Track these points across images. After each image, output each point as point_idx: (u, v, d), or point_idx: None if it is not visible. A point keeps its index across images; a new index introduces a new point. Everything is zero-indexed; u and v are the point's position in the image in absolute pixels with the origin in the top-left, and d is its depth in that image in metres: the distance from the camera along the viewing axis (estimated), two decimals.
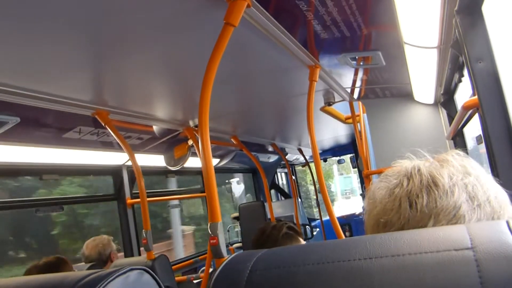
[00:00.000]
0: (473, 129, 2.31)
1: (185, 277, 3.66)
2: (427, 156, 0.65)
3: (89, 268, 2.35)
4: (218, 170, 4.97)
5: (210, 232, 1.35)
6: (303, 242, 1.88)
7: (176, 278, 3.28)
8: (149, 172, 3.78)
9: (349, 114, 3.33)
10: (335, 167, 18.16)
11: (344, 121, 3.78)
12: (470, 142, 2.52)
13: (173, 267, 3.44)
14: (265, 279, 0.47)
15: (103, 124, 2.26)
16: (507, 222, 0.43)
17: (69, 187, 3.42)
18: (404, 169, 0.63)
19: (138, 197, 2.83)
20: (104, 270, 0.60)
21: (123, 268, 0.58)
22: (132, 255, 3.40)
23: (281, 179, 7.13)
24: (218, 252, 1.37)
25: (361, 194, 6.48)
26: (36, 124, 2.24)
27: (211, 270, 3.05)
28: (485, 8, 1.29)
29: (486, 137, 1.35)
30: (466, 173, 0.59)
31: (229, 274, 0.50)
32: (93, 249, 2.74)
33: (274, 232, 1.80)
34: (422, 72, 2.23)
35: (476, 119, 1.93)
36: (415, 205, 0.57)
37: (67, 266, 2.01)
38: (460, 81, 2.03)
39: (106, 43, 1.53)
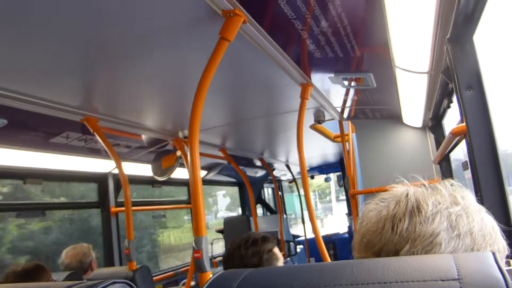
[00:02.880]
0: (457, 153, 2.34)
1: None
2: (422, 181, 0.67)
3: (68, 276, 2.30)
4: (205, 182, 4.94)
5: (195, 246, 1.33)
6: (274, 249, 1.80)
7: None
8: (135, 181, 3.74)
9: (338, 133, 3.35)
10: None
11: (333, 139, 3.80)
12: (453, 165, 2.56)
13: (154, 278, 3.39)
14: None
15: (92, 131, 2.24)
16: (493, 254, 0.43)
17: None
18: (394, 193, 0.64)
19: (122, 206, 2.80)
20: (86, 282, 0.59)
21: (106, 281, 0.57)
22: (113, 265, 3.35)
23: (268, 194, 7.12)
24: (202, 266, 1.36)
25: (346, 214, 6.50)
26: (24, 127, 2.21)
27: (192, 283, 3.02)
28: (477, 38, 1.32)
29: (472, 164, 1.37)
30: (454, 203, 0.60)
31: None
32: (74, 257, 2.69)
33: (242, 263, 1.68)
34: (412, 96, 2.26)
35: (462, 145, 1.95)
36: (396, 229, 0.58)
37: (46, 274, 1.97)
38: (448, 107, 2.06)
39: (100, 50, 1.52)
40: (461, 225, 0.57)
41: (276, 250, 1.79)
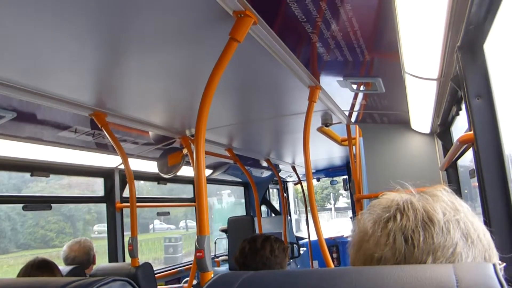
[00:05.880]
0: (465, 160, 2.32)
1: (167, 287, 3.62)
2: (410, 188, 0.65)
3: (71, 271, 2.31)
4: (210, 181, 4.95)
5: (197, 245, 1.34)
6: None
7: (159, 287, 3.25)
8: (141, 177, 3.76)
9: (346, 137, 3.34)
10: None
11: (340, 143, 3.79)
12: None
13: (156, 275, 3.41)
14: None
15: (100, 126, 2.25)
16: (494, 266, 0.43)
17: None
18: (394, 202, 0.61)
19: (128, 201, 2.81)
20: (87, 279, 0.59)
21: (106, 278, 0.58)
22: (116, 260, 3.37)
23: (273, 195, 7.12)
24: (204, 266, 1.36)
25: (351, 217, 6.49)
26: (33, 120, 2.23)
27: (194, 282, 3.03)
28: (487, 46, 1.31)
29: (479, 172, 1.36)
30: (456, 210, 0.58)
31: None
32: (80, 250, 2.70)
33: (254, 256, 1.81)
34: (421, 102, 2.25)
35: (470, 152, 1.94)
36: (411, 241, 0.56)
37: (56, 267, 2.00)
38: (457, 114, 2.04)
39: (110, 46, 1.53)
40: (471, 232, 0.56)
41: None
